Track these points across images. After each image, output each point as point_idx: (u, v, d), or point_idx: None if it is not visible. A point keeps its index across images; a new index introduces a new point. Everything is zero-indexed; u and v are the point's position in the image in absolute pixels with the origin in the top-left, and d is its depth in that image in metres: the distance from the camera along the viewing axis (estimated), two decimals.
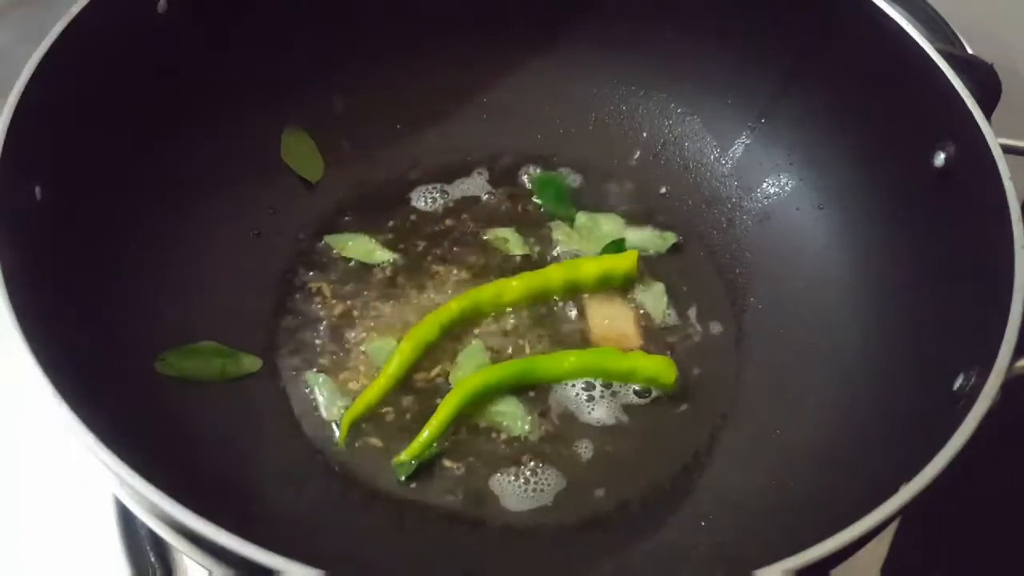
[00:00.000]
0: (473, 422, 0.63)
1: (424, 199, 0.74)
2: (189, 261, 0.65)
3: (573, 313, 0.68)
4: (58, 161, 0.57)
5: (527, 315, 0.68)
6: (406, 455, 0.60)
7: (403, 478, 0.60)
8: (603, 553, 0.58)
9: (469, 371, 0.64)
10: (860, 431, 0.60)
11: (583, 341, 0.67)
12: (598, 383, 0.65)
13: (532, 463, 0.61)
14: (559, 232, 0.72)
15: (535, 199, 0.74)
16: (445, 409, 0.61)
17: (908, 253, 0.64)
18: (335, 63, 0.74)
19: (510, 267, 0.70)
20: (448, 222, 0.73)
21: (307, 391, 0.63)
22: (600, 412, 0.64)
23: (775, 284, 0.70)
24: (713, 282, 0.71)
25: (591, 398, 0.64)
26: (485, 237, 0.72)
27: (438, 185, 0.75)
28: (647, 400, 0.65)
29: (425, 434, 0.61)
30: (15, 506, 0.63)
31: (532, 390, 0.64)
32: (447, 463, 0.61)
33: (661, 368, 0.64)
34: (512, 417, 0.63)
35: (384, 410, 0.63)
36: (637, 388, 0.65)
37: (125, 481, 0.43)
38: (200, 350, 0.62)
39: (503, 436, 0.62)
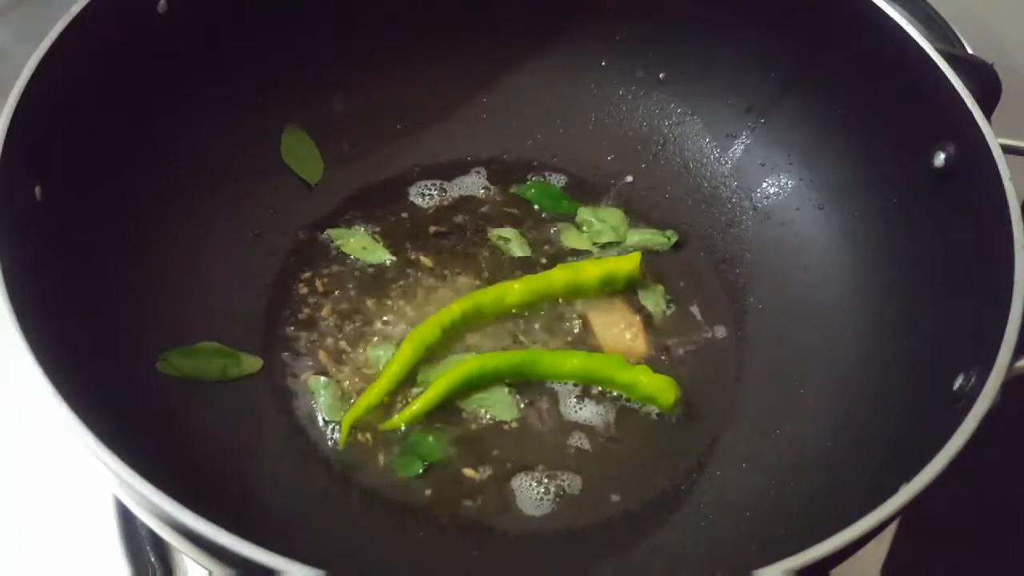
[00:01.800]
0: (464, 414, 0.63)
1: (424, 199, 0.74)
2: (189, 261, 0.65)
3: (577, 318, 0.68)
4: (58, 161, 0.57)
5: (529, 318, 0.68)
6: (398, 419, 0.61)
7: (417, 473, 0.60)
8: (603, 553, 0.58)
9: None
10: (860, 431, 0.60)
11: (586, 346, 0.67)
12: None
13: (533, 466, 0.61)
14: (565, 233, 0.72)
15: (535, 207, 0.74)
16: (440, 385, 0.62)
17: (908, 253, 0.64)
18: (335, 63, 0.74)
19: (512, 268, 0.70)
20: (450, 221, 0.73)
21: (308, 392, 0.63)
22: (599, 410, 0.64)
23: (775, 284, 0.70)
24: (713, 282, 0.71)
25: (591, 392, 0.64)
26: (487, 237, 0.72)
27: (438, 182, 0.75)
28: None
29: (415, 406, 0.61)
30: (15, 506, 0.63)
31: (529, 384, 0.65)
32: (445, 464, 0.61)
33: (661, 388, 0.63)
34: (500, 407, 0.63)
35: (387, 421, 0.62)
36: None
37: (125, 481, 0.43)
38: (201, 350, 0.62)
39: (499, 437, 0.62)
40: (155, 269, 0.63)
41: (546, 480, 0.61)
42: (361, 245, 0.70)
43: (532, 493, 0.60)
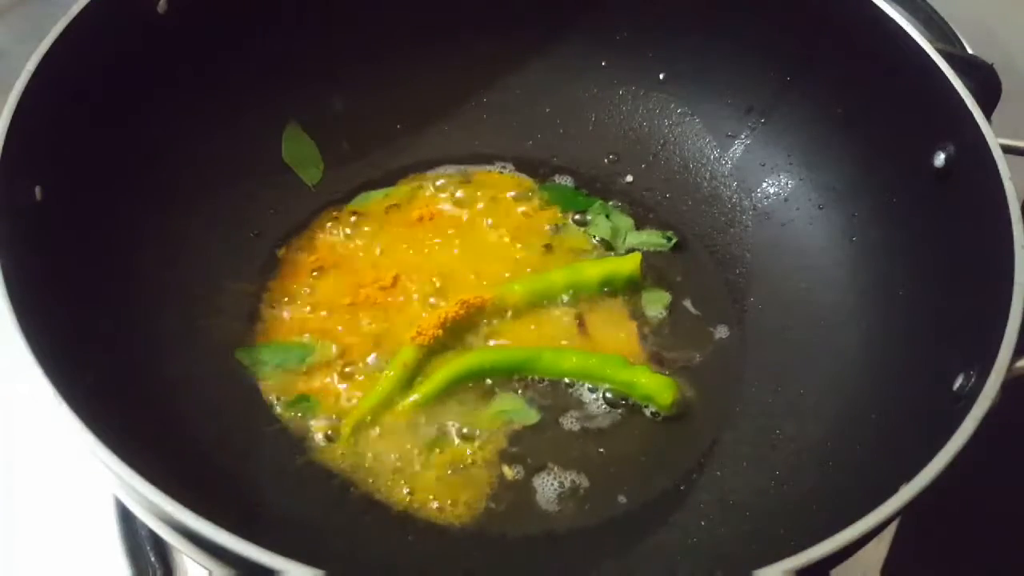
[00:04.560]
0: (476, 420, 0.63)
1: (426, 192, 0.74)
2: (189, 261, 0.65)
3: (577, 318, 0.68)
4: (58, 161, 0.57)
5: (530, 318, 0.68)
6: (398, 410, 0.62)
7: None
8: (604, 553, 0.58)
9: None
10: (860, 431, 0.60)
11: (586, 345, 0.67)
12: None
13: (538, 466, 0.61)
14: (566, 232, 0.72)
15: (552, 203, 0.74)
16: (439, 378, 0.62)
17: (908, 253, 0.64)
18: (335, 63, 0.74)
19: (516, 265, 0.70)
20: (453, 219, 0.73)
21: (308, 391, 0.63)
22: (600, 410, 0.64)
23: (775, 284, 0.70)
24: (713, 282, 0.71)
25: (592, 391, 0.64)
26: (494, 232, 0.72)
27: (454, 171, 0.75)
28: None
29: (414, 396, 0.62)
30: (15, 506, 0.63)
31: (533, 383, 0.65)
32: (446, 464, 0.61)
33: (660, 387, 0.63)
34: (519, 413, 0.63)
35: (386, 412, 0.63)
36: None
37: (125, 481, 0.43)
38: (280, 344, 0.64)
39: (494, 438, 0.62)
40: (155, 269, 0.63)
41: (548, 481, 0.61)
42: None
43: (532, 494, 0.60)
